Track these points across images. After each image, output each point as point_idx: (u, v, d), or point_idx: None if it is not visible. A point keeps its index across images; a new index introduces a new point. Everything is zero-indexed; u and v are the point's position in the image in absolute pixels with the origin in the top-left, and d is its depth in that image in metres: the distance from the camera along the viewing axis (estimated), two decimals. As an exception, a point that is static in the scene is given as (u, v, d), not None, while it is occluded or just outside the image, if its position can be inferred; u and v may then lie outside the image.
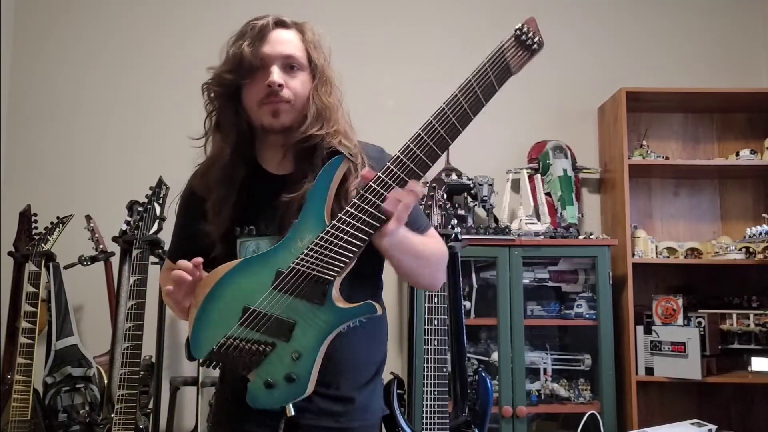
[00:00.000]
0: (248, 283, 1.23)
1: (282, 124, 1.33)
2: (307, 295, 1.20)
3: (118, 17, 3.37)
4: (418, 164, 1.17)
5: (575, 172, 3.20)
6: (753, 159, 3.11)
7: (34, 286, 2.64)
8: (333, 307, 1.20)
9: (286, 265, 1.21)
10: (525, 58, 1.16)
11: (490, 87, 1.16)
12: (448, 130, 1.17)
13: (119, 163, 3.24)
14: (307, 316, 1.20)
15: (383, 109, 3.19)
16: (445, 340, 2.09)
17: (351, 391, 1.37)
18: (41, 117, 3.31)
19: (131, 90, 3.31)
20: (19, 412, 2.55)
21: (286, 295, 1.21)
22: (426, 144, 1.17)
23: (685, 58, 3.41)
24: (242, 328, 1.21)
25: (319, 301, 1.20)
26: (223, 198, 1.34)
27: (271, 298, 1.21)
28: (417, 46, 3.37)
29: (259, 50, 1.31)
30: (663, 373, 2.89)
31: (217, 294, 1.24)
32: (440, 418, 2.05)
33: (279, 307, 1.21)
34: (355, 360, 1.37)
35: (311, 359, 1.19)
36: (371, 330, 1.40)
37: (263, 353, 1.20)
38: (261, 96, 1.31)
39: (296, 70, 1.34)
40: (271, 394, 1.19)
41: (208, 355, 1.22)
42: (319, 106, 1.34)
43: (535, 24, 1.16)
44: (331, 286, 1.20)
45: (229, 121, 1.36)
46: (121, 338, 2.26)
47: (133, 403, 2.22)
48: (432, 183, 2.33)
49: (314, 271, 1.19)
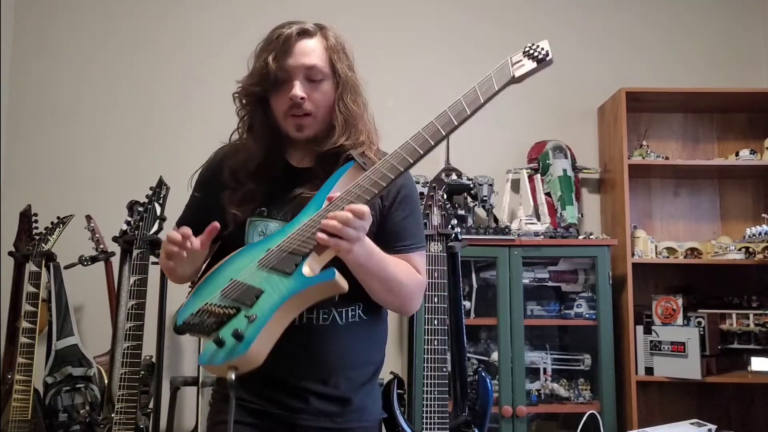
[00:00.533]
0: (242, 261, 1.29)
1: (306, 137, 1.38)
2: (280, 266, 1.23)
3: (119, 17, 3.37)
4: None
5: (575, 172, 3.20)
6: (753, 159, 3.11)
7: (35, 286, 2.64)
8: (298, 275, 1.21)
9: (277, 244, 1.27)
10: (533, 70, 1.22)
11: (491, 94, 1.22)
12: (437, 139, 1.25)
13: (119, 163, 3.25)
14: (276, 285, 1.22)
15: (383, 108, 3.18)
16: (445, 340, 2.09)
17: (348, 391, 1.37)
18: (41, 117, 3.31)
19: (131, 90, 3.31)
20: (20, 412, 2.55)
21: (265, 268, 1.24)
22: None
23: (685, 58, 3.41)
24: (221, 296, 1.25)
25: (289, 270, 1.21)
26: (254, 191, 1.39)
27: (253, 272, 1.25)
28: (417, 46, 3.37)
29: (283, 63, 1.35)
30: (663, 373, 2.89)
31: (217, 271, 1.31)
32: (440, 417, 2.05)
33: (257, 278, 1.24)
34: (353, 360, 1.38)
35: (262, 321, 1.18)
36: (369, 330, 1.41)
37: (226, 316, 1.21)
38: (285, 108, 1.36)
39: (319, 80, 1.37)
40: (217, 352, 1.18)
41: (184, 322, 1.25)
42: (345, 115, 1.39)
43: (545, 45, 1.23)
44: (304, 260, 1.21)
45: (260, 124, 1.41)
46: (122, 338, 2.26)
47: (134, 403, 2.22)
48: (432, 183, 2.33)
49: (294, 245, 1.24)
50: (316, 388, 1.29)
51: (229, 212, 1.38)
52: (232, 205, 1.39)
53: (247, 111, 1.43)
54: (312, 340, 1.34)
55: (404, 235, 1.40)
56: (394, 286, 1.35)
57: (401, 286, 1.36)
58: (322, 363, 1.28)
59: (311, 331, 1.33)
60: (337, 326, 1.35)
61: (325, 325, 1.34)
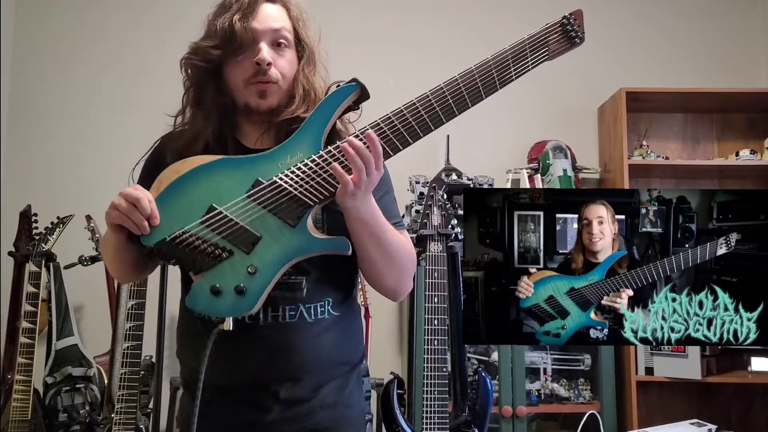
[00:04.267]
0: (222, 182, 1.16)
1: (269, 105, 1.26)
2: (281, 212, 1.13)
3: (119, 16, 3.36)
4: (409, 130, 1.14)
5: (575, 172, 3.20)
6: (753, 159, 3.11)
7: (35, 286, 2.64)
8: (304, 232, 1.13)
9: (268, 177, 1.15)
10: (564, 48, 1.16)
11: (522, 65, 1.15)
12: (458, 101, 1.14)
13: (119, 163, 3.22)
14: (275, 234, 1.13)
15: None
16: (445, 340, 2.09)
17: (318, 391, 1.28)
18: (41, 117, 3.30)
19: (133, 89, 3.30)
20: (20, 412, 2.55)
21: (259, 206, 1.14)
22: (425, 109, 1.14)
23: (685, 58, 3.41)
24: (202, 226, 1.14)
25: (293, 222, 1.13)
26: None
27: (243, 206, 1.14)
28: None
29: (249, 25, 1.23)
30: (663, 373, 2.89)
31: (185, 184, 1.16)
32: (440, 418, 2.05)
33: (249, 216, 1.14)
34: (324, 359, 1.27)
35: (267, 277, 1.12)
36: (341, 327, 1.31)
37: (218, 257, 1.13)
38: (248, 75, 1.24)
39: (284, 47, 1.27)
40: (215, 301, 1.11)
41: (157, 244, 1.13)
42: (306, 87, 1.29)
43: (581, 17, 1.16)
44: (309, 211, 1.14)
45: (211, 98, 1.28)
46: (122, 338, 2.27)
47: (134, 403, 2.22)
48: (432, 183, 2.32)
49: (296, 190, 1.14)
50: (285, 389, 1.23)
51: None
52: None
53: (195, 82, 1.29)
54: (279, 339, 1.23)
55: (386, 215, 1.27)
56: (394, 255, 1.25)
57: (400, 256, 1.27)
58: (291, 363, 1.20)
59: (277, 330, 1.23)
60: (305, 323, 1.24)
61: (293, 322, 1.23)
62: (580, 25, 1.15)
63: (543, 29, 1.15)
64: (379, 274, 1.28)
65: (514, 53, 1.14)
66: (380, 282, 1.31)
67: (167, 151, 1.30)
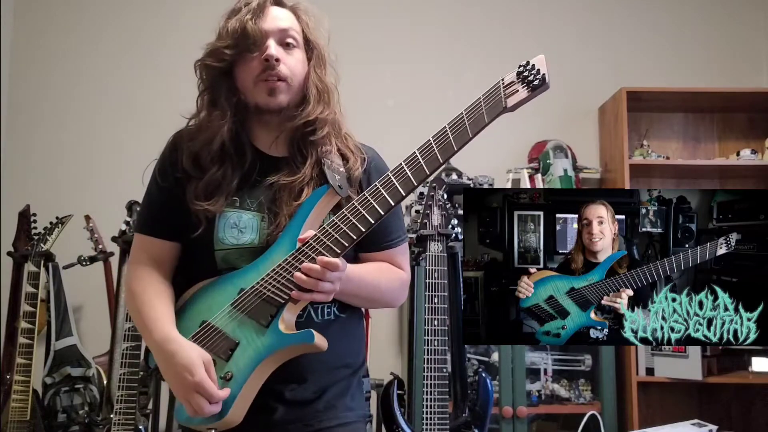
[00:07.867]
0: (214, 298, 1.23)
1: (279, 103, 1.28)
2: (256, 314, 1.19)
3: (118, 16, 3.36)
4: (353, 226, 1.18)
5: (576, 172, 3.19)
6: (754, 159, 3.11)
7: (34, 286, 2.63)
8: (275, 331, 1.17)
9: (251, 285, 1.21)
10: (527, 96, 1.18)
11: (480, 127, 1.20)
12: (419, 171, 1.17)
13: (119, 163, 3.24)
14: (252, 337, 1.18)
15: (384, 108, 3.18)
16: (445, 341, 2.09)
17: (320, 392, 1.30)
18: (41, 117, 3.30)
19: (131, 89, 3.30)
20: (19, 413, 2.55)
21: (240, 313, 1.20)
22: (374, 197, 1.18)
23: (685, 58, 3.41)
24: (193, 341, 1.21)
25: (265, 322, 1.18)
26: (220, 177, 1.27)
27: (229, 314, 1.21)
28: (417, 46, 3.36)
29: (258, 25, 1.27)
30: (663, 373, 2.88)
31: (186, 308, 1.26)
32: (440, 418, 2.04)
33: (231, 324, 1.20)
34: (327, 359, 1.28)
35: (240, 382, 1.16)
36: (346, 330, 1.34)
37: None
38: (257, 72, 1.26)
39: (292, 47, 1.30)
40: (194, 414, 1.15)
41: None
42: (320, 87, 1.31)
43: (542, 62, 1.15)
44: (281, 310, 1.18)
45: (225, 98, 1.30)
46: (121, 338, 2.26)
47: (133, 404, 2.22)
48: (432, 183, 2.32)
49: (268, 291, 1.19)
50: (289, 390, 1.24)
51: (198, 209, 1.25)
52: (199, 199, 1.25)
53: (210, 83, 1.31)
54: None
55: (387, 232, 1.35)
56: (375, 297, 1.35)
57: (383, 294, 1.36)
58: (296, 364, 1.21)
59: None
60: (312, 324, 1.26)
61: (300, 322, 1.24)
62: (540, 71, 1.14)
63: (493, 88, 1.17)
64: (370, 306, 1.44)
65: (469, 116, 1.19)
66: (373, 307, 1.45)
67: (181, 151, 1.31)
